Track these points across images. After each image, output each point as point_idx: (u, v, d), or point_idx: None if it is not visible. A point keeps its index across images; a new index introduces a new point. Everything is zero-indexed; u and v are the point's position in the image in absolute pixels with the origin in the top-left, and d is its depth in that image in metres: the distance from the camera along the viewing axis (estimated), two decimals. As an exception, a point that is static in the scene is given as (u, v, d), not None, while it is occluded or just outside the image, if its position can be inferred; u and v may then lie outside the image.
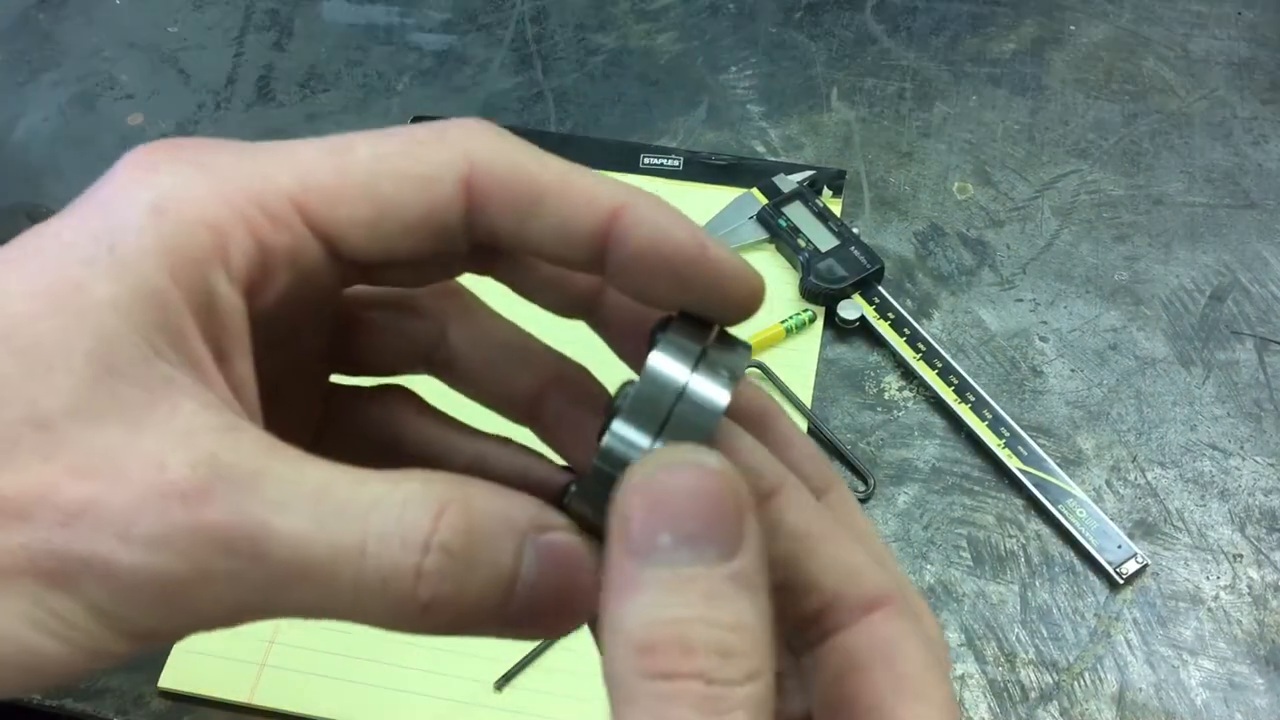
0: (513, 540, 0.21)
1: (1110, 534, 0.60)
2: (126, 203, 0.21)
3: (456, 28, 0.86)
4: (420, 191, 0.22)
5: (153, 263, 0.20)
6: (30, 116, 0.82)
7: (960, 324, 0.69)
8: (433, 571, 0.20)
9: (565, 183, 0.23)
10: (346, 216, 0.22)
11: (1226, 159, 0.77)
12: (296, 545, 0.19)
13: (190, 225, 0.21)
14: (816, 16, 0.86)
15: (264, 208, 0.21)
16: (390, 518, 0.20)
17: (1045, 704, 0.56)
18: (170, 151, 0.22)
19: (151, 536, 0.19)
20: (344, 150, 0.22)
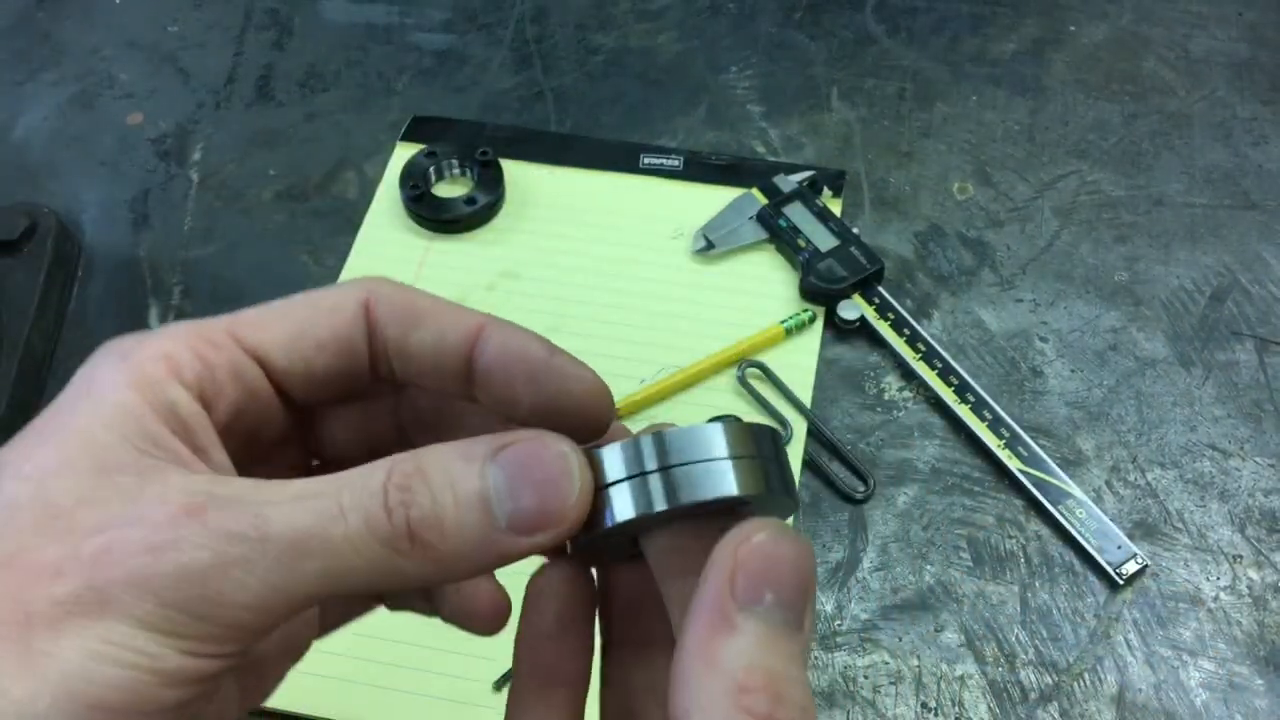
0: (471, 464, 0.25)
1: (1110, 535, 0.60)
2: (100, 362, 0.26)
3: (456, 27, 0.86)
4: (328, 315, 0.28)
5: (122, 391, 0.25)
6: (30, 116, 0.82)
7: (960, 324, 0.69)
8: (397, 504, 0.24)
9: (441, 307, 0.28)
10: (270, 338, 0.28)
11: (1227, 160, 0.77)
12: (289, 523, 0.23)
13: (147, 359, 0.26)
14: (817, 17, 0.86)
15: (205, 338, 0.27)
16: (353, 481, 0.24)
17: (1045, 705, 0.56)
18: (131, 335, 0.27)
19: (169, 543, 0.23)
20: (266, 304, 0.28)
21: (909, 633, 0.58)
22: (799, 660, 0.23)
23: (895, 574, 0.60)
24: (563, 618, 0.28)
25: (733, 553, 0.23)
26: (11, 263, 0.70)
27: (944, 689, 0.57)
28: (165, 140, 0.80)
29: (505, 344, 0.28)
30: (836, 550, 0.61)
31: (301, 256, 0.72)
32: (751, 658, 0.22)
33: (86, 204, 0.77)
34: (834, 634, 0.58)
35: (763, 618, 0.22)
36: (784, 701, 0.22)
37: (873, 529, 0.62)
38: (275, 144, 0.79)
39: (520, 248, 0.73)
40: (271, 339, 0.28)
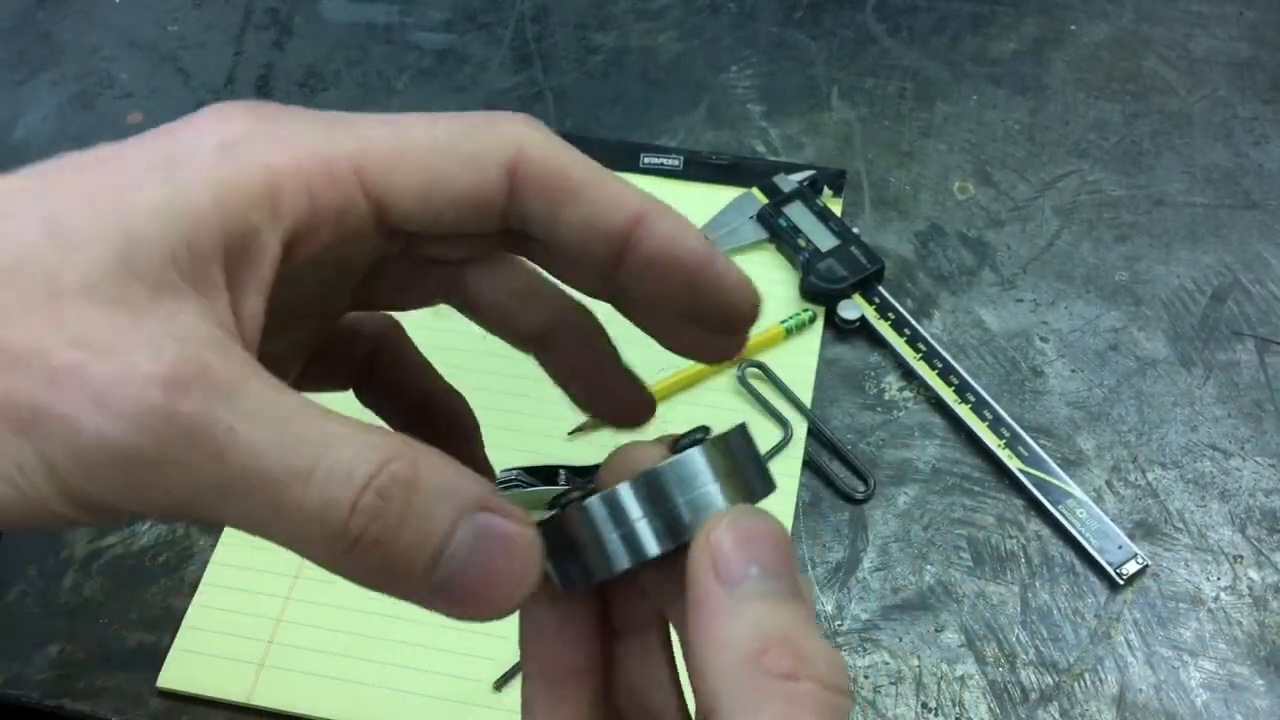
0: (452, 510, 0.22)
1: (1110, 535, 0.60)
2: (196, 138, 0.23)
3: (456, 27, 0.86)
4: (469, 169, 0.24)
5: (202, 188, 0.22)
6: (29, 115, 0.82)
7: (960, 324, 0.69)
8: (366, 510, 0.21)
9: (599, 182, 0.25)
10: (399, 183, 0.24)
11: (1227, 159, 0.77)
12: (252, 455, 0.21)
13: (249, 166, 0.22)
14: (817, 16, 0.86)
15: (325, 165, 0.23)
16: (343, 453, 0.21)
17: (1045, 705, 0.56)
18: (248, 108, 0.24)
19: (124, 411, 0.20)
20: (403, 125, 0.24)
21: (909, 633, 0.58)
22: (808, 622, 0.23)
23: (895, 574, 0.60)
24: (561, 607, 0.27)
25: (707, 544, 0.23)
26: (11, 262, 0.70)
27: (944, 689, 0.57)
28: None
29: (667, 240, 0.25)
30: (837, 550, 0.61)
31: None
32: (757, 626, 0.22)
33: (86, 204, 0.77)
34: (834, 634, 0.58)
35: (755, 590, 0.22)
36: (806, 658, 0.22)
37: (873, 529, 0.62)
38: (275, 144, 0.79)
39: (520, 247, 0.73)
40: (401, 187, 0.24)
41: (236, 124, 0.23)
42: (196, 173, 0.22)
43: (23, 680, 0.57)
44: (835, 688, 0.22)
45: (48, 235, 0.21)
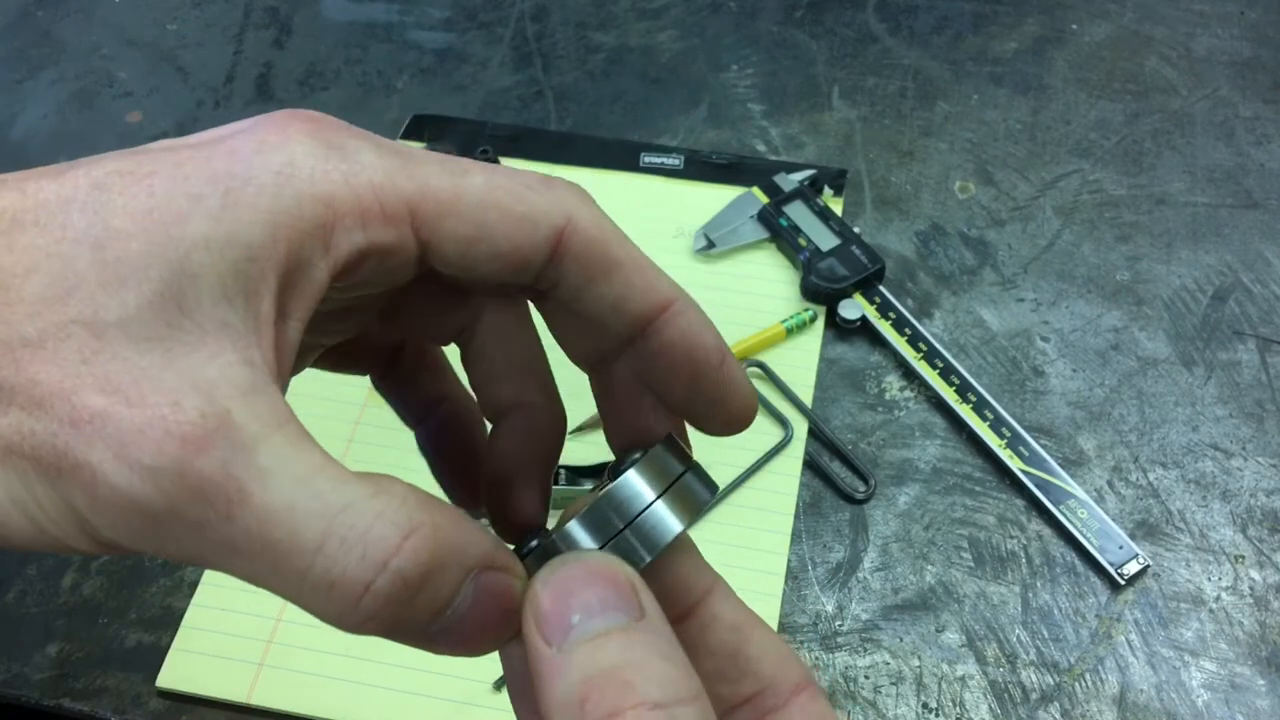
0: (460, 575, 0.22)
1: (1112, 535, 0.60)
2: (255, 157, 0.22)
3: (456, 26, 0.86)
4: (518, 229, 0.24)
5: (259, 219, 0.21)
6: (29, 114, 0.81)
7: (961, 324, 0.69)
8: (382, 592, 0.21)
9: (636, 265, 0.25)
10: (450, 230, 0.24)
11: (1229, 159, 0.77)
12: (263, 519, 0.20)
13: (308, 199, 0.22)
14: (818, 15, 0.86)
15: (382, 203, 0.23)
16: (359, 525, 0.21)
17: (1046, 705, 0.56)
18: (311, 124, 0.23)
19: (143, 465, 0.20)
20: (461, 173, 0.24)
21: (910, 633, 0.58)
22: (646, 645, 0.22)
23: (896, 574, 0.60)
24: None
25: (530, 614, 0.23)
26: (11, 261, 0.70)
27: (945, 689, 0.56)
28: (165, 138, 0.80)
29: (685, 336, 0.26)
30: (837, 550, 0.61)
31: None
32: (581, 673, 0.22)
33: (86, 203, 0.77)
34: (835, 634, 0.58)
35: (579, 637, 0.22)
36: (632, 685, 0.21)
37: (874, 529, 0.61)
38: (275, 142, 0.79)
39: (520, 247, 0.73)
40: (451, 234, 0.24)
41: (298, 145, 0.22)
42: (255, 201, 0.22)
43: (22, 680, 0.57)
44: (671, 700, 0.21)
45: (98, 263, 0.21)
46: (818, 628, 0.58)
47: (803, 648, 0.58)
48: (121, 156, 0.23)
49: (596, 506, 0.25)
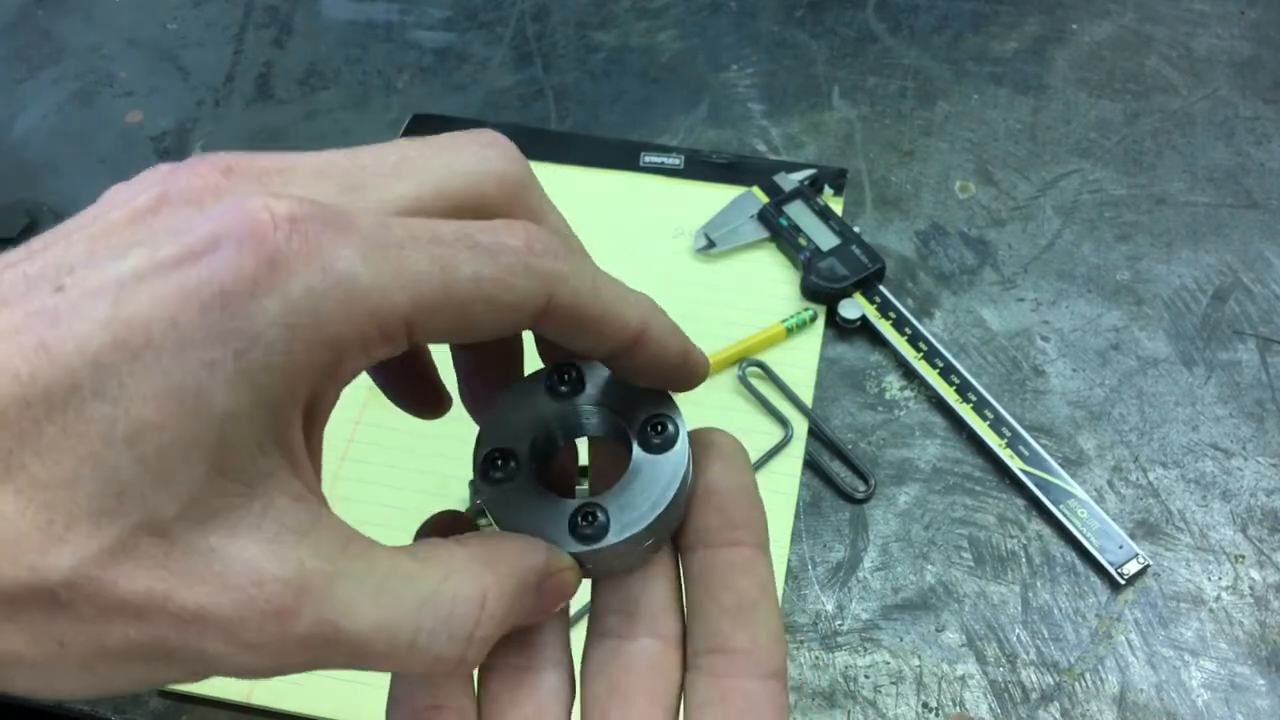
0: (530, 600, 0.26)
1: (1112, 534, 0.60)
2: (253, 305, 0.21)
3: (457, 25, 0.86)
4: (504, 317, 0.25)
5: (276, 379, 0.21)
6: (29, 114, 0.81)
7: (962, 323, 0.69)
8: (475, 659, 0.25)
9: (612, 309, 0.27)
10: (439, 327, 0.24)
11: (1229, 159, 0.77)
12: (361, 641, 0.23)
13: (317, 346, 0.22)
14: (818, 15, 0.85)
15: (381, 328, 0.23)
16: (439, 618, 0.24)
17: (1046, 705, 0.56)
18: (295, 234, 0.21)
19: (251, 644, 0.22)
20: (451, 268, 0.24)
21: (910, 632, 0.58)
22: None
23: (896, 573, 0.60)
24: None
25: None
26: (11, 261, 0.70)
27: (945, 689, 0.56)
28: (165, 138, 0.80)
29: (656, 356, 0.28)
30: (837, 550, 0.61)
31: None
32: None
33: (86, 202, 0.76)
34: (835, 634, 0.58)
35: None
36: None
37: (874, 528, 0.61)
38: (275, 142, 0.79)
39: (521, 246, 0.73)
40: (441, 329, 0.24)
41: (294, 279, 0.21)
42: (266, 363, 0.21)
43: (22, 679, 0.57)
44: None
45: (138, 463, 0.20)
46: (818, 627, 0.58)
47: (803, 647, 0.58)
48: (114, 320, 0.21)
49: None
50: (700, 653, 0.27)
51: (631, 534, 0.27)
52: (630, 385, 0.29)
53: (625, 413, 0.29)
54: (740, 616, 0.27)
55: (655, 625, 0.28)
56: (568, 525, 0.27)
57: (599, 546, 0.27)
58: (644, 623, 0.28)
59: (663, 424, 0.28)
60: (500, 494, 0.28)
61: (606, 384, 0.29)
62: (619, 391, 0.29)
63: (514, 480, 0.28)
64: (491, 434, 0.29)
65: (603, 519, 0.27)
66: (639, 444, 0.28)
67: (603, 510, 0.27)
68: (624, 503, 0.27)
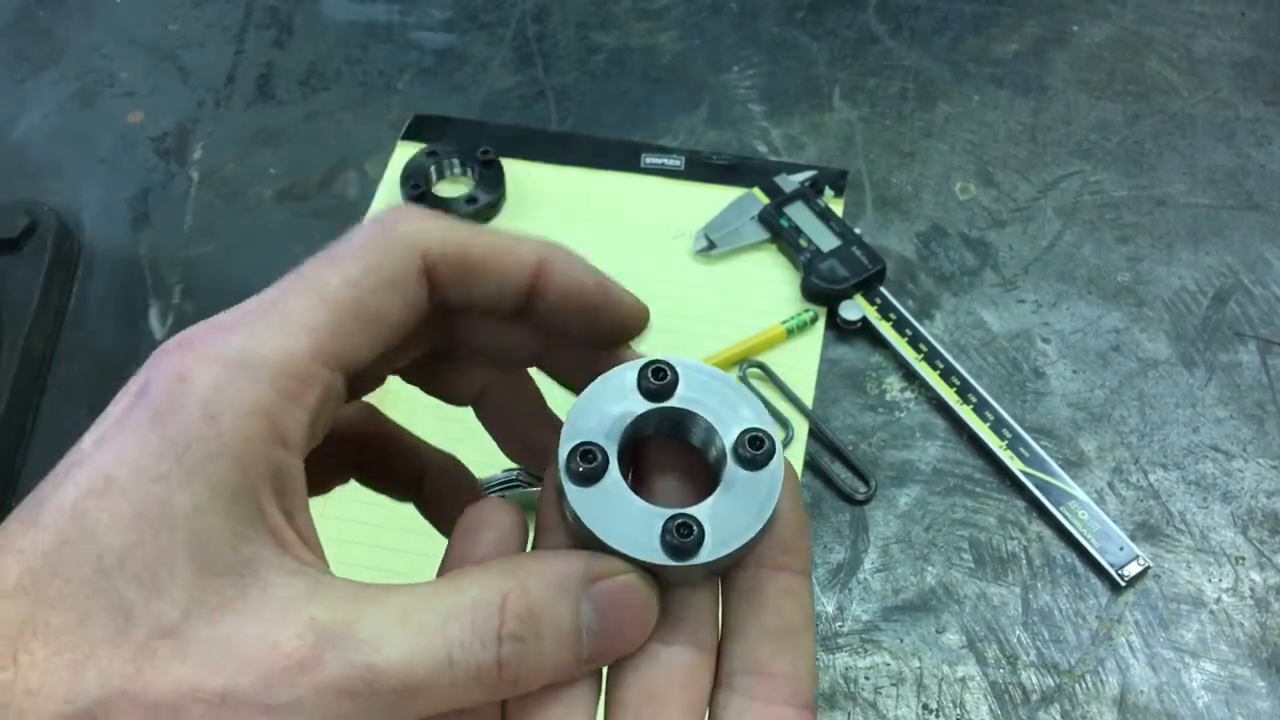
0: (569, 601, 0.25)
1: (1112, 536, 0.60)
2: (179, 414, 0.24)
3: (457, 26, 0.86)
4: (395, 294, 0.27)
5: (221, 463, 0.23)
6: (30, 114, 0.81)
7: (962, 325, 0.69)
8: (510, 657, 0.24)
9: (499, 248, 0.28)
10: (353, 345, 0.26)
11: (1229, 160, 0.77)
12: (397, 673, 0.23)
13: (243, 421, 0.24)
14: (819, 16, 0.85)
15: (296, 377, 0.25)
16: (465, 626, 0.24)
17: (1047, 706, 0.56)
18: (191, 354, 0.25)
19: (285, 705, 0.23)
20: (322, 290, 0.26)
21: (910, 634, 0.58)
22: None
23: (897, 575, 0.60)
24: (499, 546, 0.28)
25: None
26: (11, 261, 0.70)
27: (945, 690, 0.56)
28: (165, 139, 0.80)
29: (563, 284, 0.28)
30: (838, 551, 0.61)
31: (302, 256, 0.71)
32: None
33: (87, 202, 0.77)
34: (835, 635, 0.58)
35: None
36: None
37: (874, 530, 0.61)
38: (276, 143, 0.79)
39: (521, 247, 0.73)
40: (355, 347, 0.26)
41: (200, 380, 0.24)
42: (205, 452, 0.23)
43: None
44: None
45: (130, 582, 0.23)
46: (818, 628, 0.58)
47: (803, 649, 0.58)
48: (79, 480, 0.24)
49: None
50: (737, 672, 0.27)
51: (725, 552, 0.26)
52: (725, 392, 0.28)
53: (721, 420, 0.28)
54: (782, 642, 0.27)
55: (696, 634, 0.27)
56: (660, 537, 0.26)
57: (691, 564, 0.26)
58: (685, 630, 0.27)
59: (761, 439, 0.27)
60: (587, 495, 0.27)
61: (700, 387, 0.28)
62: (715, 397, 0.28)
63: (600, 480, 0.27)
64: (578, 426, 0.27)
65: (697, 533, 0.26)
66: (733, 457, 0.27)
67: (697, 524, 0.26)
68: (718, 518, 0.26)
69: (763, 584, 0.28)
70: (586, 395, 0.28)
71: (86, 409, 0.67)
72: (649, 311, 0.30)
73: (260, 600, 0.23)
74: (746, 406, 0.28)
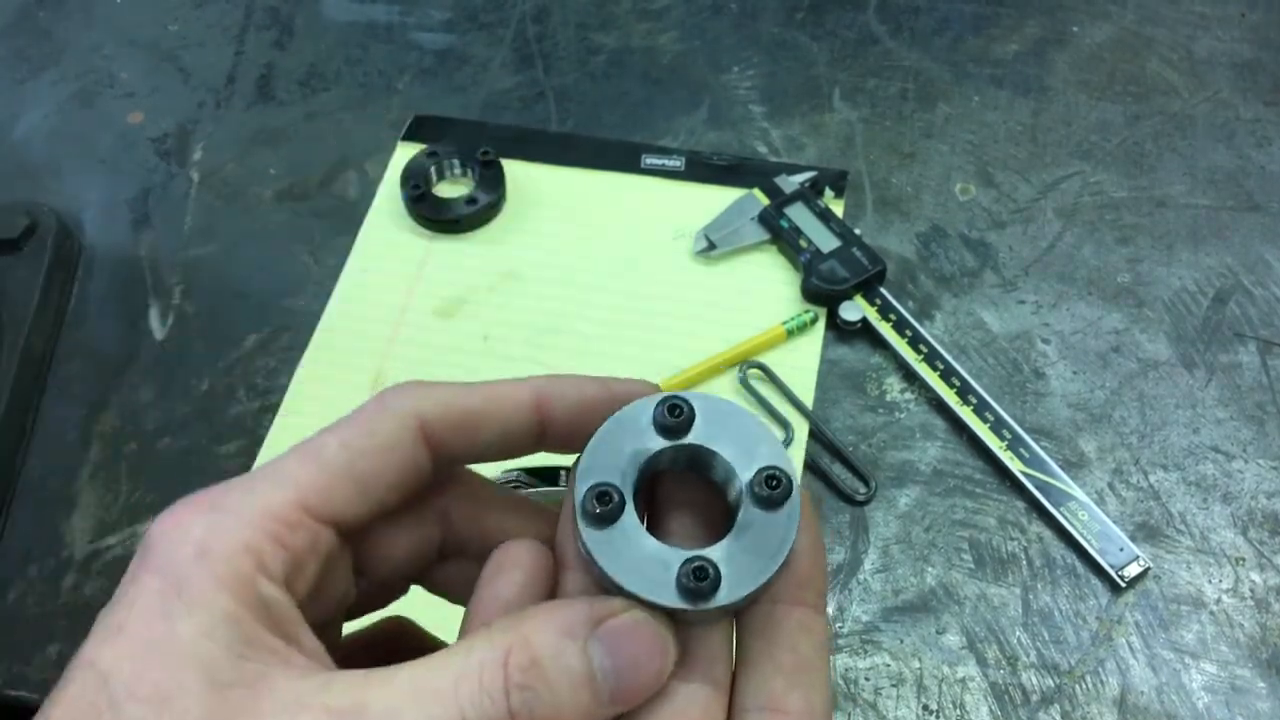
0: (575, 646, 0.26)
1: (1112, 537, 0.60)
2: (176, 556, 0.26)
3: (457, 27, 0.86)
4: (388, 457, 0.28)
5: (214, 594, 0.25)
6: (30, 114, 0.81)
7: (962, 325, 0.69)
8: (521, 707, 0.25)
9: (492, 396, 0.29)
10: (341, 500, 0.28)
11: (1229, 161, 0.77)
12: None
13: (232, 555, 0.26)
14: (819, 16, 0.86)
15: (281, 521, 0.26)
16: (474, 686, 0.25)
17: (1047, 707, 0.56)
18: (189, 509, 0.27)
19: None
20: (318, 453, 0.28)
21: (910, 635, 0.58)
22: None
23: (897, 576, 0.60)
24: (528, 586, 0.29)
25: None
26: (11, 262, 0.70)
27: (945, 691, 0.56)
28: (166, 139, 0.80)
29: (567, 407, 0.29)
30: (838, 552, 0.61)
31: (302, 256, 0.72)
32: None
33: (87, 203, 0.77)
34: (835, 636, 0.58)
35: None
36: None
37: (874, 530, 0.61)
38: (276, 143, 0.79)
39: (521, 248, 0.73)
40: (343, 502, 0.28)
41: (195, 526, 0.26)
42: (201, 586, 0.25)
43: (23, 680, 0.57)
44: None
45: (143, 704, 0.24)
46: (818, 629, 0.58)
47: (803, 649, 0.58)
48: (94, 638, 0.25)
49: None
50: (750, 709, 0.27)
51: (741, 595, 0.26)
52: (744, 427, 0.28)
53: (738, 457, 0.27)
54: (797, 678, 0.27)
55: (711, 670, 0.27)
56: (675, 580, 0.26)
57: (707, 607, 0.26)
58: (700, 667, 0.27)
59: (778, 479, 0.27)
60: (603, 537, 0.26)
61: (717, 422, 0.28)
62: (732, 433, 0.28)
63: (617, 521, 0.27)
64: (594, 466, 0.27)
65: (713, 576, 0.26)
66: (750, 495, 0.27)
67: (713, 567, 0.26)
68: (734, 560, 0.26)
69: (778, 620, 0.28)
70: (602, 432, 0.28)
71: (86, 409, 0.67)
72: (658, 388, 0.30)
73: (272, 701, 0.24)
74: (765, 443, 0.28)
